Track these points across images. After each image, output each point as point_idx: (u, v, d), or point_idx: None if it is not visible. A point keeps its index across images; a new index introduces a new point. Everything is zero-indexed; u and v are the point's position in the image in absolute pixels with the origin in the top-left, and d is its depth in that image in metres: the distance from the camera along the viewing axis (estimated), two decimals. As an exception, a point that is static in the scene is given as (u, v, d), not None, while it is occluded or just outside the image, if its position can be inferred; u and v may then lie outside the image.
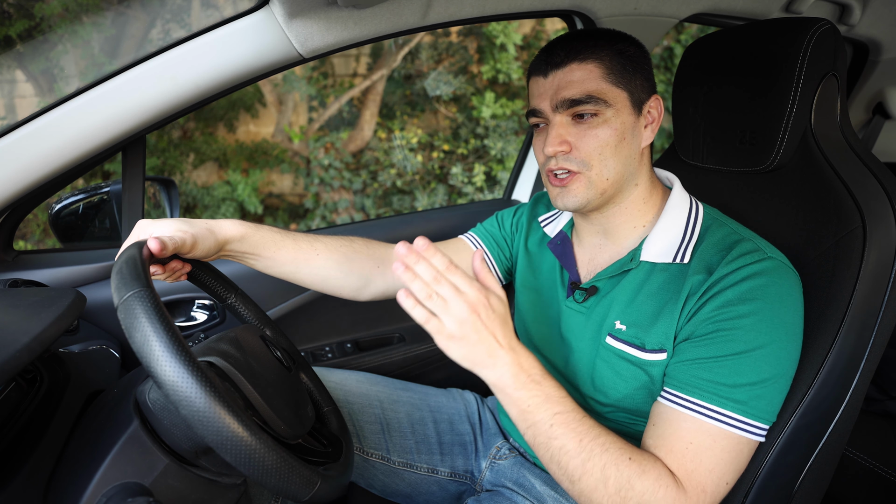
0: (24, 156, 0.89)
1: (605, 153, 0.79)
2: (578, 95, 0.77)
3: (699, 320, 0.74)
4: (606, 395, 0.84)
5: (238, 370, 0.66)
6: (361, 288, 0.98)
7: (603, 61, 0.78)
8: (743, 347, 0.70)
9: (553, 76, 0.80)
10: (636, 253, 0.83)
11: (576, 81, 0.78)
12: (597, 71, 0.78)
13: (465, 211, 1.57)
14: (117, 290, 0.56)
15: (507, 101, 4.37)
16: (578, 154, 0.79)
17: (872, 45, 1.49)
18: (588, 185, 0.80)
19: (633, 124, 0.80)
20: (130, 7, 3.85)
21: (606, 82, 0.78)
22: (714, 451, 0.69)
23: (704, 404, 0.70)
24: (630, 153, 0.81)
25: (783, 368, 0.71)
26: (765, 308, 0.70)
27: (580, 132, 0.79)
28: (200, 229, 0.77)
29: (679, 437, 0.70)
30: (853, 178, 0.81)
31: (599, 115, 0.78)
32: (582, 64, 0.78)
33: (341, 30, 0.92)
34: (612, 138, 0.78)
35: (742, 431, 0.69)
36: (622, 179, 0.81)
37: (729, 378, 0.70)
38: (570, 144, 0.79)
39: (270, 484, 0.54)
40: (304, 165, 4.56)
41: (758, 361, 0.70)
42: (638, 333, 0.79)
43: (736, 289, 0.72)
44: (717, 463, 0.69)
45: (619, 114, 0.78)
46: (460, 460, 1.10)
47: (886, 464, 1.19)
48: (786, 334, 0.71)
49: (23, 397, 0.71)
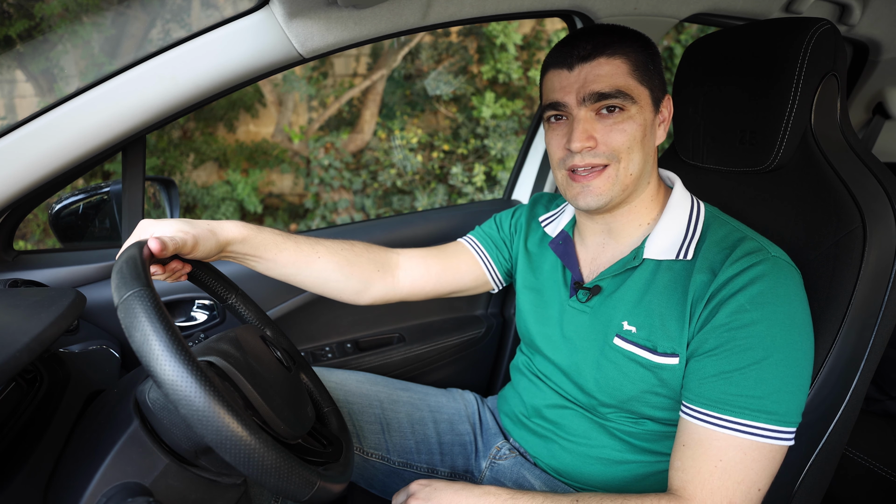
0: (24, 156, 0.89)
1: (633, 147, 0.79)
2: (608, 89, 0.77)
3: (713, 328, 0.74)
4: (611, 395, 0.84)
5: (238, 370, 0.66)
6: (361, 291, 0.98)
7: (629, 57, 0.78)
8: (762, 354, 0.70)
9: (580, 69, 0.79)
10: (639, 251, 0.83)
11: (604, 76, 0.77)
12: (624, 66, 0.78)
13: (465, 211, 1.57)
14: (117, 290, 0.56)
15: (507, 101, 4.37)
16: (606, 148, 0.79)
17: (872, 45, 1.49)
18: (615, 179, 0.80)
19: (652, 122, 0.82)
20: (130, 7, 3.85)
21: (633, 78, 0.78)
22: (745, 463, 0.69)
23: (738, 420, 0.70)
24: (649, 149, 0.82)
25: (802, 368, 0.72)
26: (776, 311, 0.71)
27: (606, 127, 0.79)
28: (202, 230, 0.77)
29: (710, 456, 0.71)
30: (853, 178, 0.82)
31: (626, 110, 0.78)
32: (611, 59, 0.78)
33: (341, 30, 0.92)
34: (639, 133, 0.79)
35: (771, 440, 0.70)
36: (643, 176, 0.82)
37: (756, 388, 0.70)
38: (595, 140, 0.79)
39: (270, 484, 0.54)
40: (304, 165, 4.56)
41: (778, 366, 0.70)
42: (649, 336, 0.79)
43: (745, 293, 0.72)
44: (746, 474, 0.69)
45: (642, 110, 0.79)
46: (460, 460, 1.10)
47: (886, 464, 1.19)
48: (799, 334, 0.72)
49: (23, 397, 0.71)
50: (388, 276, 1.00)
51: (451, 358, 1.48)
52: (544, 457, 0.96)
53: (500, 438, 1.09)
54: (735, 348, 0.72)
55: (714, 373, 0.73)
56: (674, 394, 0.79)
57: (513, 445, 1.06)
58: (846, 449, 1.23)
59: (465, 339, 1.48)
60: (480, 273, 1.07)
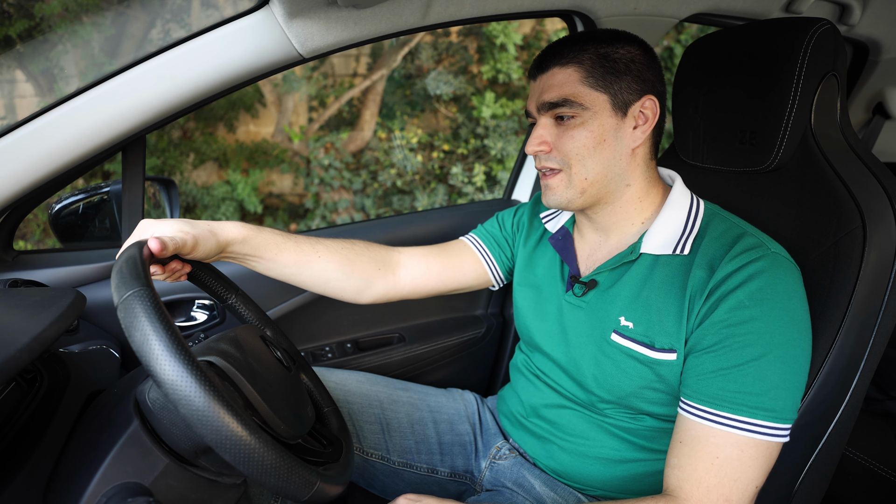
0: (24, 156, 0.89)
1: (582, 154, 0.81)
2: (555, 98, 0.81)
3: (711, 324, 0.74)
4: (609, 391, 0.84)
5: (238, 370, 0.66)
6: (362, 291, 0.99)
7: (583, 65, 0.80)
8: (761, 351, 0.71)
9: (540, 80, 0.84)
10: (636, 246, 0.84)
11: (555, 85, 0.81)
12: (575, 75, 0.80)
13: (465, 211, 1.57)
14: (117, 290, 0.56)
15: (507, 101, 4.37)
16: (557, 154, 0.83)
17: (872, 45, 1.49)
18: (568, 183, 0.83)
19: (616, 126, 0.81)
20: (130, 7, 3.85)
21: (584, 86, 0.80)
22: (742, 460, 0.70)
23: (735, 416, 0.70)
24: (613, 155, 0.82)
25: (800, 365, 0.72)
26: (775, 308, 0.71)
27: (559, 133, 0.82)
28: (202, 230, 0.77)
29: (706, 453, 0.71)
30: (853, 178, 0.82)
31: (577, 117, 0.80)
32: (563, 68, 0.81)
33: (341, 30, 0.92)
34: (590, 140, 0.80)
35: (768, 437, 0.70)
36: (604, 180, 0.83)
37: (754, 385, 0.70)
38: (549, 145, 0.83)
39: (270, 484, 0.54)
40: (304, 165, 4.56)
41: (777, 363, 0.70)
42: (647, 331, 0.80)
43: (744, 289, 0.72)
44: (743, 471, 0.70)
45: (596, 116, 0.80)
46: (460, 460, 1.10)
47: (886, 464, 1.19)
48: (797, 331, 0.72)
49: (23, 397, 0.71)
50: (389, 275, 1.00)
51: (451, 358, 1.48)
52: (543, 458, 0.96)
53: (500, 438, 1.09)
54: (734, 345, 0.72)
55: (712, 369, 0.73)
56: (672, 389, 0.79)
57: (512, 445, 1.06)
58: (846, 449, 1.23)
59: (464, 339, 1.48)
60: (482, 271, 1.07)
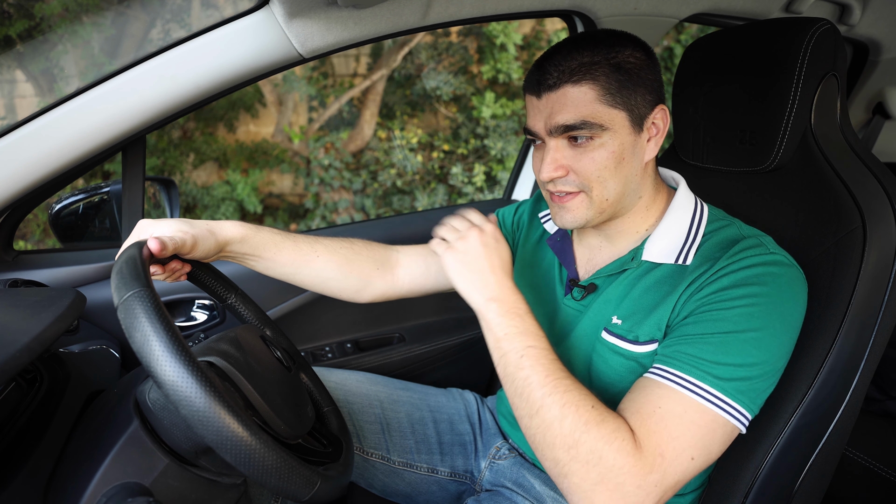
0: (24, 156, 0.89)
1: (603, 175, 0.76)
2: (572, 121, 0.73)
3: (690, 300, 0.73)
4: (605, 391, 0.84)
5: (238, 370, 0.66)
6: (361, 290, 0.98)
7: (598, 81, 0.73)
8: (732, 328, 0.68)
9: (546, 98, 0.76)
10: (638, 252, 0.82)
11: (569, 105, 0.74)
12: (591, 93, 0.73)
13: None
14: (117, 290, 0.56)
15: (507, 101, 4.37)
16: (577, 177, 0.77)
17: (872, 45, 1.49)
18: (588, 204, 0.78)
19: (634, 143, 0.77)
20: (130, 7, 3.85)
21: (602, 104, 0.73)
22: (683, 420, 0.66)
23: (681, 374, 0.68)
24: (631, 171, 0.78)
25: (772, 357, 0.69)
26: (762, 294, 0.69)
27: (576, 155, 0.76)
28: (201, 230, 0.77)
29: (649, 400, 0.68)
30: (853, 178, 0.81)
31: (596, 138, 0.74)
32: (576, 86, 0.73)
33: (341, 30, 0.92)
34: (611, 161, 0.75)
35: (716, 408, 0.66)
36: (622, 197, 0.79)
37: (712, 355, 0.68)
38: (566, 168, 0.77)
39: (270, 484, 0.54)
40: (304, 165, 4.56)
41: (746, 344, 0.68)
42: (632, 327, 0.79)
43: (733, 276, 0.71)
44: (683, 432, 0.65)
45: (616, 136, 0.75)
46: (460, 460, 1.10)
47: (886, 464, 1.19)
48: (781, 324, 0.70)
49: (23, 397, 0.71)
50: (388, 274, 1.00)
51: (451, 358, 1.48)
52: (542, 457, 0.96)
53: (500, 438, 1.09)
54: (706, 318, 0.70)
55: (678, 335, 0.72)
56: None
57: (512, 445, 1.06)
58: (846, 449, 1.23)
59: (465, 339, 1.48)
60: None
